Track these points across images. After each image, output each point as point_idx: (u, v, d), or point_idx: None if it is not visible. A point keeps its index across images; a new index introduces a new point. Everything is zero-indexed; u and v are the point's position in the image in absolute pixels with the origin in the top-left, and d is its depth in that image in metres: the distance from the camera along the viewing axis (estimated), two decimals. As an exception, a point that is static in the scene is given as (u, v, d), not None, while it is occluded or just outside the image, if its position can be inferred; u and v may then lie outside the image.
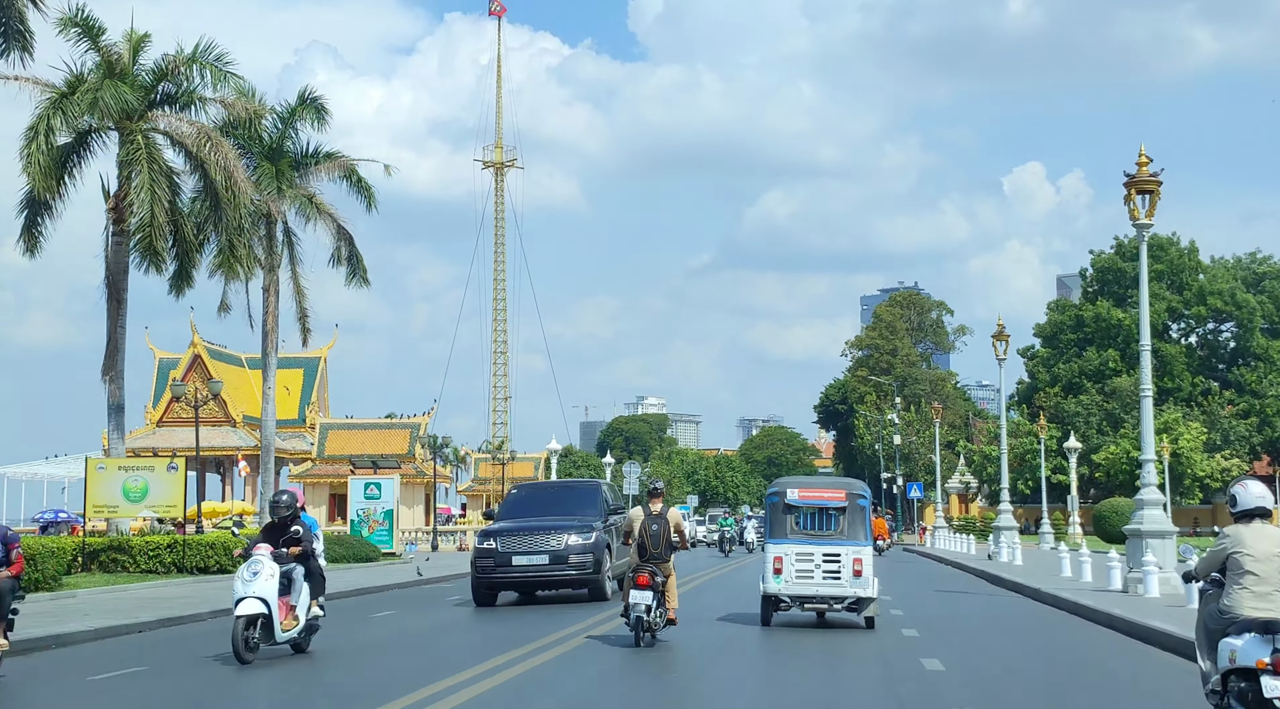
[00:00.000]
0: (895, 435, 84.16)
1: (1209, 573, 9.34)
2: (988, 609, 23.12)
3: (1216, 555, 9.15)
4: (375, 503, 40.82)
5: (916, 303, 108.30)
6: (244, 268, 32.91)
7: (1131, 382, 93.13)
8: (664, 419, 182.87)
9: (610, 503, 23.78)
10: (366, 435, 58.87)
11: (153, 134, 31.19)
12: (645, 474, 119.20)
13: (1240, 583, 8.81)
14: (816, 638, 16.73)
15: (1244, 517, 9.17)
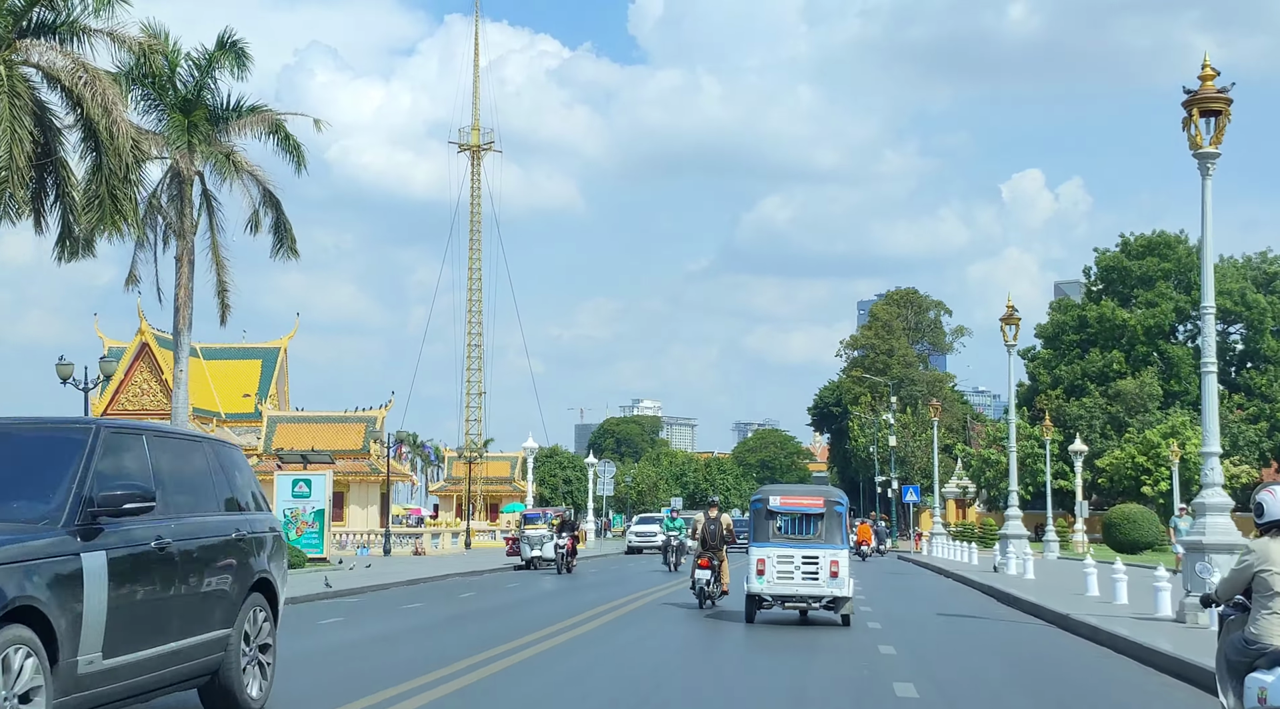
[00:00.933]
0: (891, 437, 78.86)
1: (1232, 595, 7.94)
2: (1009, 646, 17.58)
3: (1241, 574, 7.77)
4: (304, 502, 35.72)
5: (914, 302, 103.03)
6: (132, 226, 27.69)
7: (1136, 384, 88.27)
8: (656, 421, 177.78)
9: None
10: (318, 429, 53.74)
11: (22, 68, 26.06)
12: (629, 475, 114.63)
13: (1270, 607, 7.49)
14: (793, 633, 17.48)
15: (1273, 528, 7.72)
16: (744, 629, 18.20)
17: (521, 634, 16.11)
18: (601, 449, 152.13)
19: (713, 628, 18.79)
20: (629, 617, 20.54)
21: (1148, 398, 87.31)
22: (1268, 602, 7.52)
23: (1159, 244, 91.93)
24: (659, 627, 18.99)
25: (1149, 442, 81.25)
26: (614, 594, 26.41)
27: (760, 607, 18.80)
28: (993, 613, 23.08)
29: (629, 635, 17.47)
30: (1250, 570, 7.70)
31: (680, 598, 24.65)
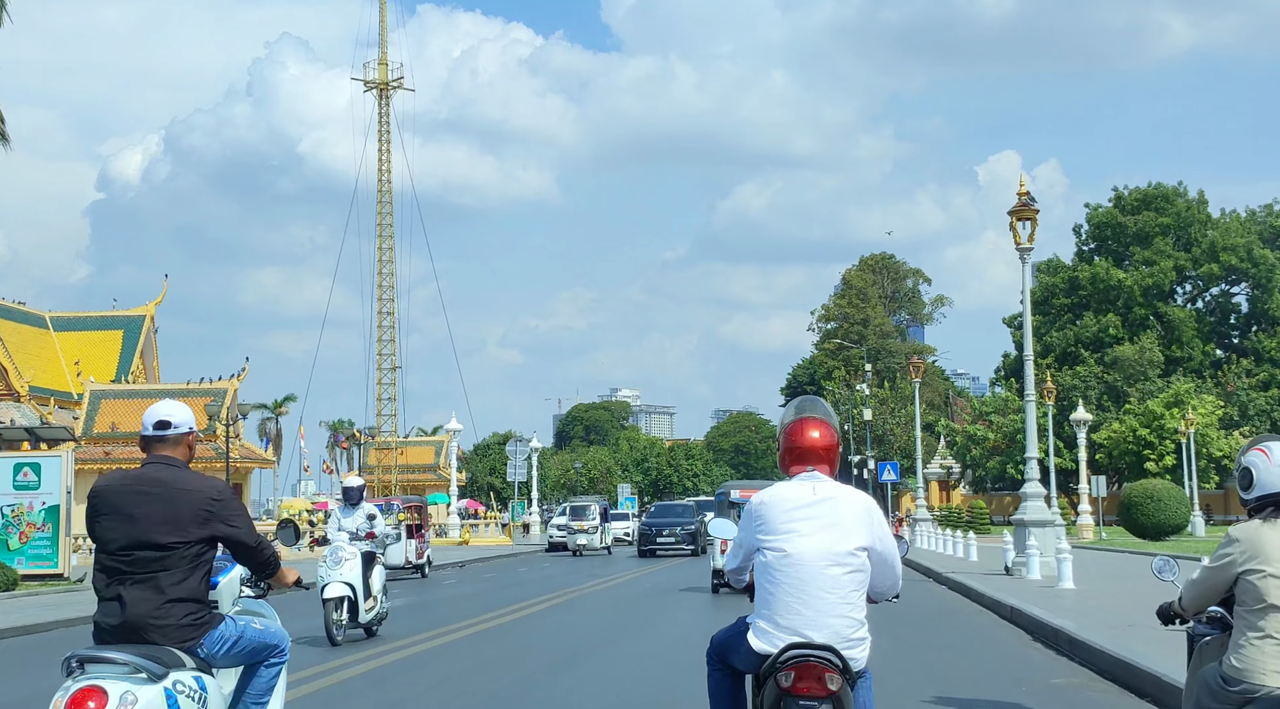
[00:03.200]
0: (865, 410, 67.34)
1: (1206, 606, 4.86)
2: None
3: (1218, 575, 4.71)
4: (29, 496, 24.15)
5: (890, 268, 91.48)
6: None
7: (1136, 350, 76.83)
8: (625, 407, 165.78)
9: None
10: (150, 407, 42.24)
11: None
12: (580, 461, 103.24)
13: (1261, 627, 4.48)
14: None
15: (1266, 506, 4.60)
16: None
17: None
18: (570, 437, 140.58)
19: None
20: None
21: (1148, 365, 75.96)
22: (1258, 619, 4.45)
23: (1156, 197, 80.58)
24: None
25: (1151, 412, 69.91)
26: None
27: (723, 582, 19.79)
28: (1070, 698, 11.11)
29: None
30: (1232, 570, 4.59)
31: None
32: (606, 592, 23.73)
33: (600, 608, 20.01)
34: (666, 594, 22.35)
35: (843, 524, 4.75)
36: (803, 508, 4.76)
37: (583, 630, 16.48)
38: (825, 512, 4.75)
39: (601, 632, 16.33)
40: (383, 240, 60.23)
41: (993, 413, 77.97)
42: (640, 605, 20.40)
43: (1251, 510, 4.80)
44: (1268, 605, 4.56)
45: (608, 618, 18.37)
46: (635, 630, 16.38)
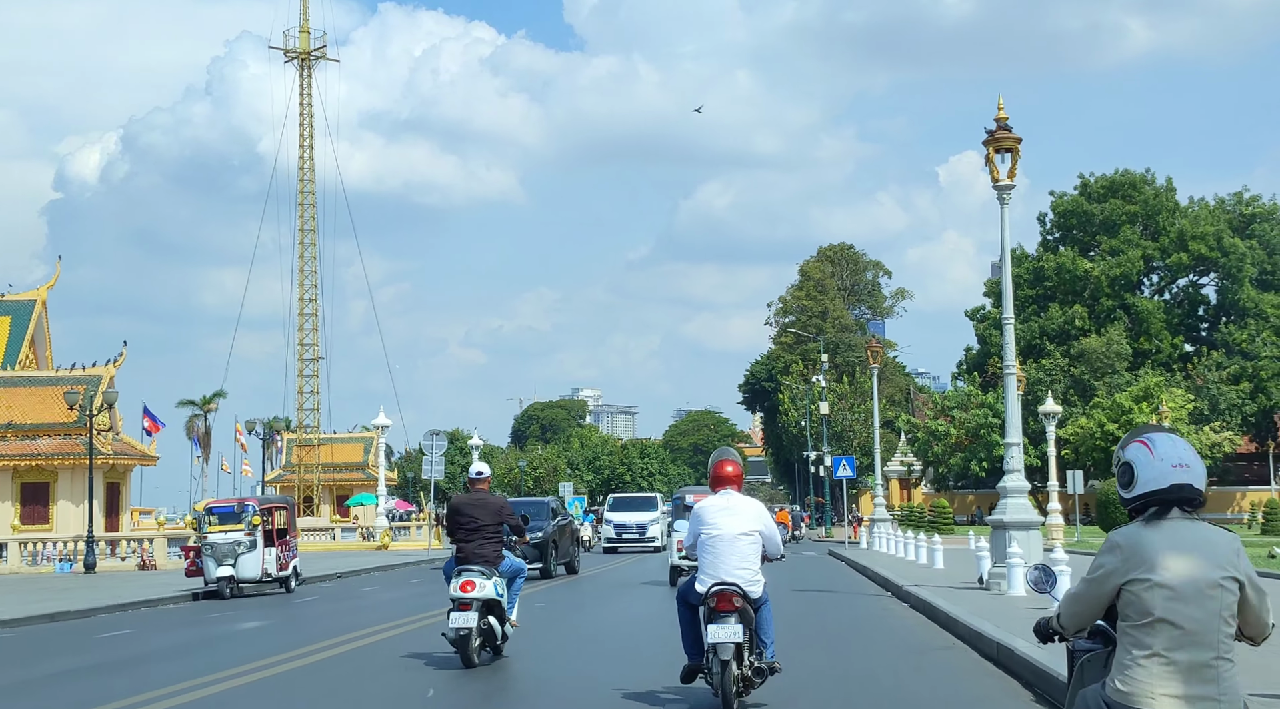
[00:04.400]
0: (822, 404, 62.68)
1: (1087, 623, 4.23)
2: None
3: (1097, 588, 4.06)
4: None
5: (850, 259, 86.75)
6: None
7: (1103, 342, 72.56)
8: (582, 405, 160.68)
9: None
10: (16, 395, 37.09)
11: None
12: (523, 459, 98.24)
13: (1146, 644, 3.88)
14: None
15: (1149, 506, 4.03)
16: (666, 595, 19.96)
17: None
18: (526, 436, 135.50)
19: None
20: None
21: (1115, 357, 71.73)
22: (1144, 635, 3.85)
23: (1123, 184, 76.34)
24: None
25: (1120, 406, 65.69)
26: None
27: (680, 575, 20.45)
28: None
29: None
30: (1113, 581, 3.97)
31: None
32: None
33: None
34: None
35: (743, 518, 8.91)
36: (722, 510, 8.94)
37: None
38: (736, 511, 8.94)
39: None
40: (304, 225, 55.18)
41: (955, 408, 73.61)
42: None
43: (1133, 511, 4.10)
44: (1155, 619, 3.85)
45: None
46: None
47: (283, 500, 25.53)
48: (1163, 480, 4.05)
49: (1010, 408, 19.01)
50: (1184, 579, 3.92)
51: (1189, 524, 4.05)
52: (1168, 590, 3.91)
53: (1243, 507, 74.21)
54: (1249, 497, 74.03)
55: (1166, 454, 4.09)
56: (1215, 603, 3.91)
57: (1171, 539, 3.99)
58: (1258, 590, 4.03)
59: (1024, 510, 18.45)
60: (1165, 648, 3.88)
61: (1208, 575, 3.92)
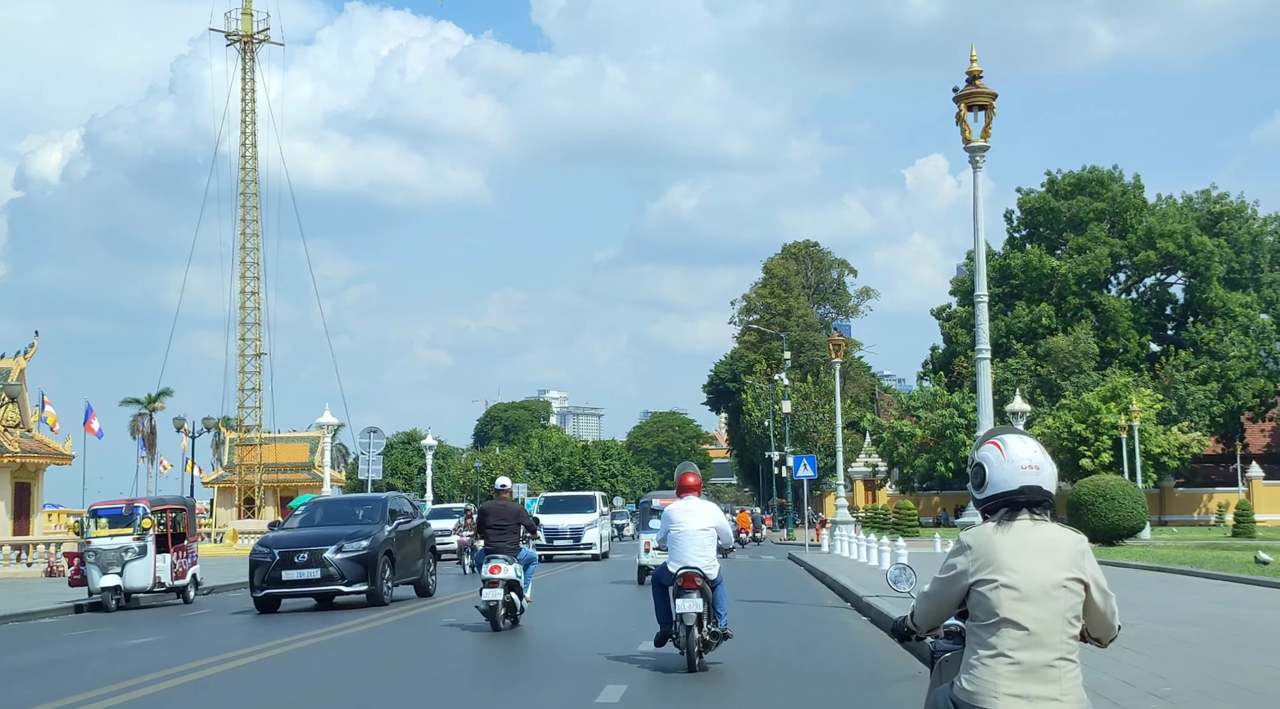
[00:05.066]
0: (784, 402, 60.51)
1: (939, 622, 4.26)
2: None
3: (948, 588, 4.07)
4: None
5: (814, 257, 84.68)
6: None
7: (1070, 341, 70.79)
8: (546, 406, 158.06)
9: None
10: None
11: None
12: (479, 460, 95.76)
13: (992, 644, 3.89)
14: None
15: (1000, 506, 4.02)
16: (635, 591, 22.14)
17: None
18: (489, 437, 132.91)
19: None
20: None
21: (1082, 356, 69.97)
22: (989, 635, 3.88)
23: (1090, 181, 74.63)
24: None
25: (1088, 406, 63.91)
26: None
27: (647, 573, 22.22)
28: None
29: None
30: (963, 581, 3.97)
31: None
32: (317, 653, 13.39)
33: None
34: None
35: (702, 517, 11.28)
36: (686, 511, 11.32)
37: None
38: (696, 512, 11.30)
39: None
40: (246, 215, 52.62)
41: (921, 408, 71.68)
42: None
43: (985, 512, 4.10)
44: (1000, 620, 3.87)
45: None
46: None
47: (180, 501, 22.88)
48: (1012, 482, 4.03)
49: (983, 397, 16.88)
50: (1029, 580, 3.89)
51: (1037, 525, 4.01)
52: (1013, 591, 3.89)
53: (1210, 508, 72.67)
54: (1216, 498, 72.51)
55: (1017, 455, 4.05)
56: (1059, 604, 3.90)
57: (1019, 540, 3.96)
58: (1103, 592, 4.03)
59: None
60: (1009, 648, 3.86)
61: (1052, 576, 3.90)
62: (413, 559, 20.40)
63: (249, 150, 53.57)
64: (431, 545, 21.51)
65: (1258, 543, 39.06)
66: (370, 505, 20.78)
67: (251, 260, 53.61)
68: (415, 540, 20.65)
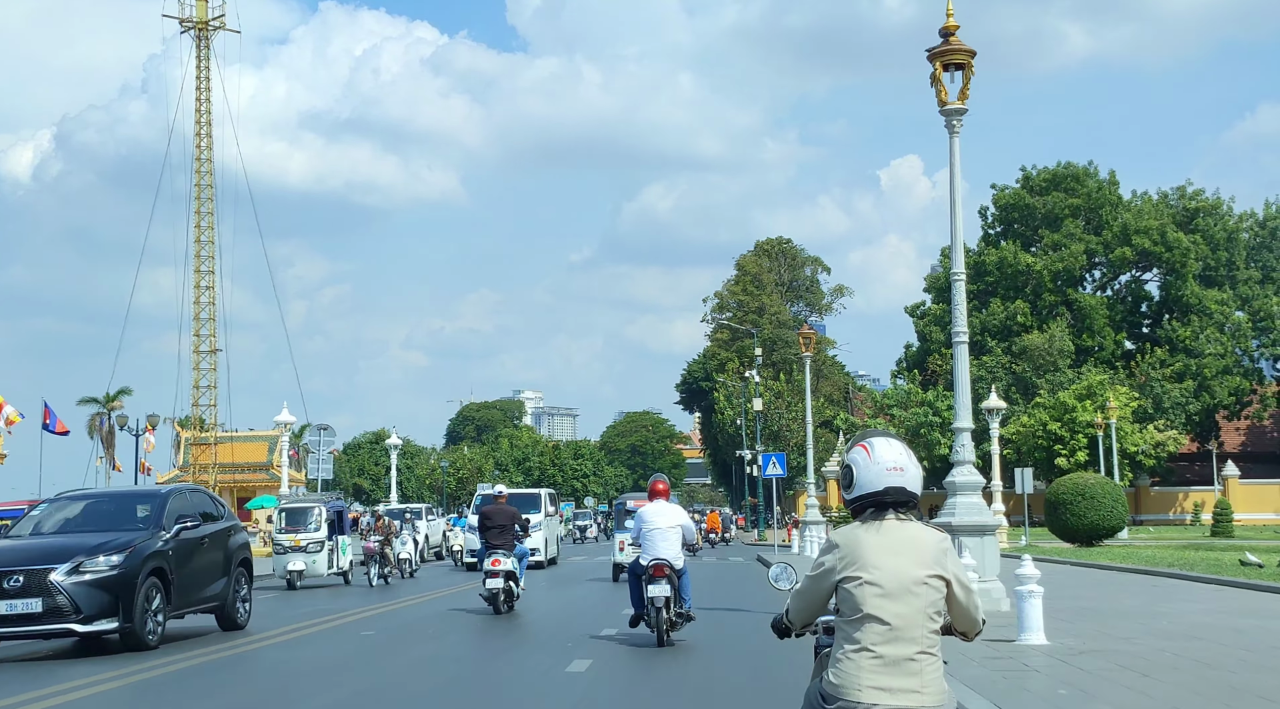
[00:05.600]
0: (756, 399, 58.93)
1: (813, 618, 4.38)
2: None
3: (818, 584, 4.22)
4: None
5: (787, 254, 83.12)
6: None
7: (1045, 338, 69.47)
8: (519, 406, 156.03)
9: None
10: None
11: None
12: (446, 459, 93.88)
13: (857, 639, 4.02)
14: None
15: (867, 507, 4.16)
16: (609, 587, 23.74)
17: None
18: (461, 437, 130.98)
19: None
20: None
21: (1057, 354, 68.65)
22: (854, 630, 4.03)
23: (1065, 177, 73.31)
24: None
25: (1063, 404, 62.71)
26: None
27: (622, 571, 23.51)
28: None
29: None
30: (831, 578, 4.11)
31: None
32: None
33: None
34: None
35: (669, 517, 13.16)
36: (657, 512, 13.22)
37: None
38: (664, 513, 13.23)
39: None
40: (201, 209, 50.67)
41: (895, 406, 70.28)
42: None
43: (853, 511, 4.26)
44: (864, 615, 4.01)
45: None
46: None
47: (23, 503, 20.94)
48: (878, 483, 4.13)
49: (960, 382, 15.25)
50: (891, 577, 4.00)
51: (901, 525, 4.11)
52: (876, 588, 4.00)
53: (1185, 507, 71.49)
54: (1192, 497, 71.32)
55: (883, 458, 4.16)
56: (920, 600, 4.01)
57: (884, 539, 4.06)
58: (965, 588, 4.13)
59: (977, 511, 14.70)
60: (873, 642, 3.97)
61: (914, 574, 4.01)
62: (206, 579, 15.03)
63: (204, 140, 51.65)
64: (243, 558, 16.11)
65: (1239, 543, 37.70)
66: (145, 502, 15.04)
67: (207, 254, 51.67)
68: (212, 552, 15.28)
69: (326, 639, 15.00)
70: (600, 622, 15.88)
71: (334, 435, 35.41)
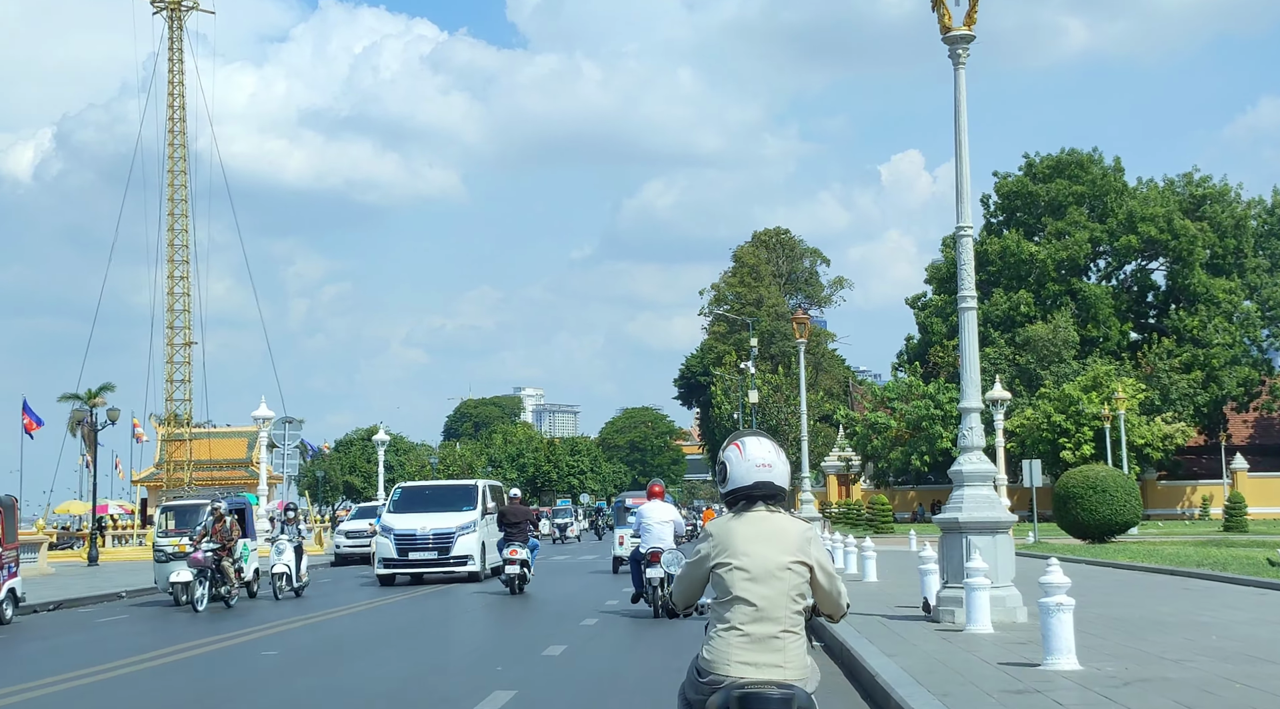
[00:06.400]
0: (752, 391, 56.66)
1: (693, 600, 4.74)
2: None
3: (696, 570, 4.59)
4: None
5: (785, 245, 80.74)
6: None
7: (1049, 329, 67.16)
8: (517, 402, 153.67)
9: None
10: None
11: None
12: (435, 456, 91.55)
13: (727, 619, 4.39)
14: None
15: (739, 499, 4.54)
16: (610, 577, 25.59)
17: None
18: (459, 433, 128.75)
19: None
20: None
21: (1062, 345, 66.35)
22: (725, 611, 4.39)
23: (1069, 164, 70.99)
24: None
25: (1068, 396, 60.42)
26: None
27: (621, 564, 25.41)
28: None
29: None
30: (706, 564, 4.51)
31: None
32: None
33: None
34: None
35: (664, 515, 16.50)
36: (653, 509, 16.64)
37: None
38: (660, 510, 16.59)
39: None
40: (175, 197, 48.39)
41: (895, 399, 67.97)
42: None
43: (727, 503, 4.60)
44: (733, 597, 4.37)
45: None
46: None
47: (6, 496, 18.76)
48: (748, 478, 4.44)
49: (967, 352, 12.98)
50: (758, 563, 4.33)
51: (768, 516, 4.43)
52: (744, 572, 4.34)
53: (1193, 501, 69.22)
54: (1199, 491, 69.05)
55: (753, 455, 4.47)
56: (784, 584, 4.31)
57: (752, 529, 4.40)
58: (828, 574, 4.40)
59: (988, 505, 12.43)
60: (740, 622, 4.31)
61: (778, 560, 4.33)
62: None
63: (177, 125, 49.41)
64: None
65: (1258, 539, 35.51)
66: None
67: (180, 242, 49.39)
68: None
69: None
70: (604, 600, 19.12)
71: (300, 428, 33.17)
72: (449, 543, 25.02)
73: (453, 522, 25.23)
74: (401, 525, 25.19)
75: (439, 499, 26.78)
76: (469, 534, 25.14)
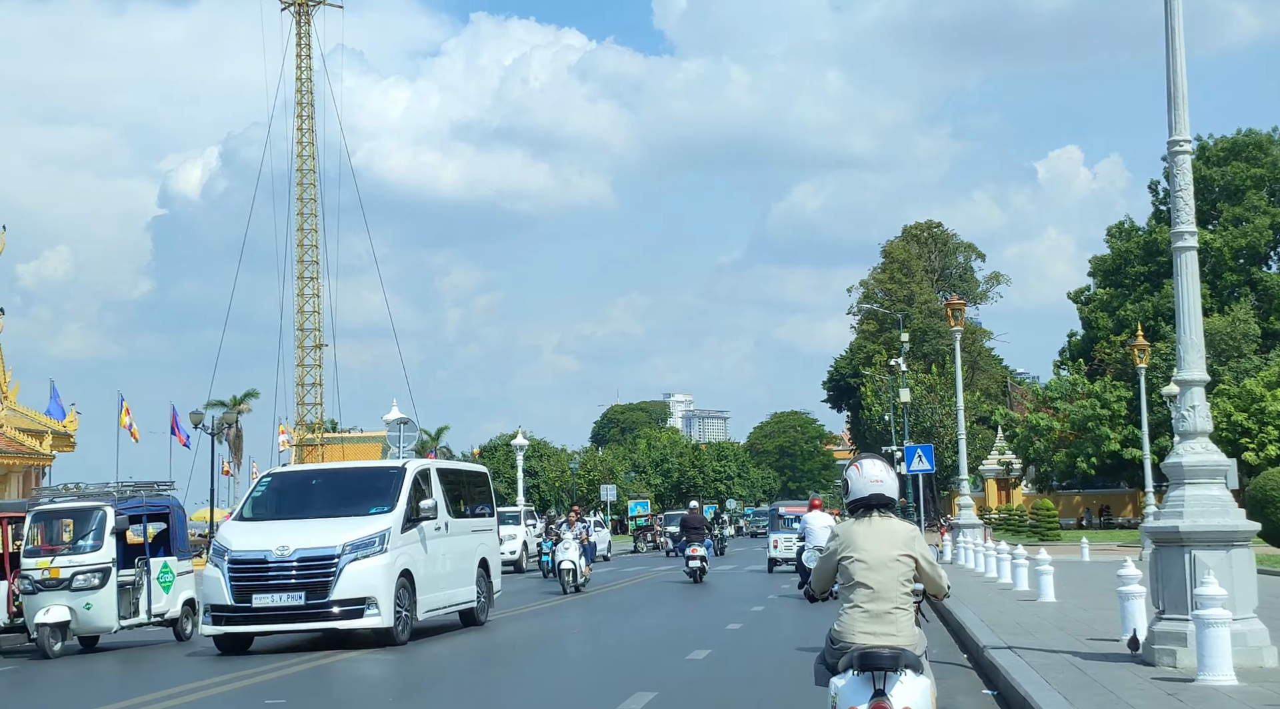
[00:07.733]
0: (903, 390, 52.95)
1: (828, 587, 6.16)
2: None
3: (827, 563, 6.04)
4: None
5: (938, 239, 76.40)
6: None
7: (1227, 322, 61.75)
8: (664, 407, 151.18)
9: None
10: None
11: None
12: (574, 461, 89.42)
13: (851, 599, 5.82)
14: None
15: (858, 509, 5.96)
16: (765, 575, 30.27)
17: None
18: (606, 439, 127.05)
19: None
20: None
21: (1242, 339, 60.94)
22: (850, 593, 5.80)
23: (1246, 146, 65.38)
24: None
25: (1250, 393, 55.31)
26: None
27: (775, 564, 31.39)
28: None
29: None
30: (835, 557, 5.92)
31: None
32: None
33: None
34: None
35: (824, 522, 21.51)
36: (816, 518, 22.08)
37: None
38: (818, 519, 21.93)
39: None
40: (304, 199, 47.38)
41: (1058, 399, 63.36)
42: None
43: (850, 511, 5.97)
44: (855, 583, 5.69)
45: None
46: None
47: (20, 507, 16.48)
48: (865, 491, 5.88)
49: (1186, 310, 9.72)
50: (874, 556, 5.70)
51: (882, 520, 5.82)
52: (863, 563, 5.71)
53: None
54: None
55: (869, 473, 5.91)
56: (894, 572, 5.67)
57: (869, 530, 5.79)
58: (930, 563, 5.81)
59: (1219, 508, 9.18)
60: (861, 601, 5.66)
61: (889, 553, 5.70)
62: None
63: (305, 122, 48.35)
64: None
65: None
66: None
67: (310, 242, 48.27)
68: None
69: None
70: (765, 594, 23.13)
71: (414, 430, 31.02)
72: (327, 575, 14.37)
73: (338, 536, 14.63)
74: (245, 543, 14.82)
75: (331, 494, 16.26)
76: (369, 557, 14.54)
